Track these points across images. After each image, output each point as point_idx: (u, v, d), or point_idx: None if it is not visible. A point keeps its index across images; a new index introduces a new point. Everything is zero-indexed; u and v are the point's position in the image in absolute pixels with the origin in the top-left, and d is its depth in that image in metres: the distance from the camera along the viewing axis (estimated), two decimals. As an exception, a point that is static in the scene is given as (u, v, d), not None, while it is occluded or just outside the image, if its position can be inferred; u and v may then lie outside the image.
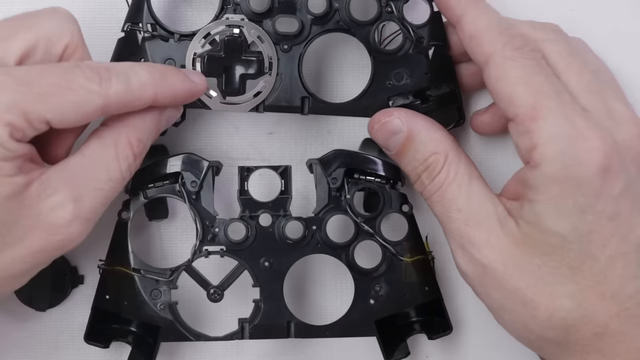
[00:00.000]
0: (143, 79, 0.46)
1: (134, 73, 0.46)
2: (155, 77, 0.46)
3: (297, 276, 0.57)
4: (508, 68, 0.46)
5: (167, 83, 0.47)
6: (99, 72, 0.44)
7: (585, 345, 0.46)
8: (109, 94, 0.44)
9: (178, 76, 0.48)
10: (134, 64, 0.47)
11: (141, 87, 0.46)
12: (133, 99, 0.45)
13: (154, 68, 0.47)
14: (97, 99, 0.44)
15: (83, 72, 0.44)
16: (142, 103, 0.46)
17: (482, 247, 0.47)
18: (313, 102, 0.52)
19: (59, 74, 0.43)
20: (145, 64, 0.47)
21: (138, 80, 0.45)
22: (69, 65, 0.44)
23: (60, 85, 0.43)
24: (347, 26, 0.51)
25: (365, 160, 0.53)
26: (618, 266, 0.45)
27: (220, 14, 0.51)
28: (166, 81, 0.47)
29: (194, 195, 0.52)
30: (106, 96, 0.44)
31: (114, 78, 0.45)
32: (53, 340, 0.56)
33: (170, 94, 0.47)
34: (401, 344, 0.53)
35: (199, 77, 0.49)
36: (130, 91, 0.45)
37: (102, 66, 0.45)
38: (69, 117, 0.44)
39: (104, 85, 0.44)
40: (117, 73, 0.45)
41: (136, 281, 0.52)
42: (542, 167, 0.45)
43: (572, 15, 0.56)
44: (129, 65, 0.46)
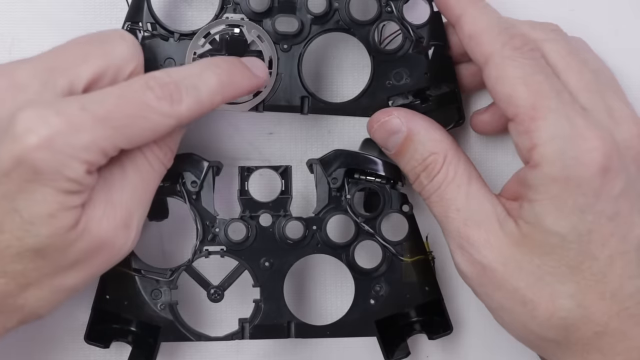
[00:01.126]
0: (212, 87, 0.46)
1: (204, 83, 0.45)
2: (223, 81, 0.46)
3: (298, 276, 0.57)
4: (507, 68, 0.46)
5: (234, 85, 0.47)
6: (170, 92, 0.44)
7: (586, 344, 0.46)
8: (181, 114, 0.44)
9: (244, 74, 0.48)
10: (202, 69, 0.46)
11: (211, 97, 0.46)
12: (203, 110, 0.46)
13: (222, 71, 0.46)
14: (170, 121, 0.44)
15: (155, 94, 0.44)
16: (209, 111, 0.46)
17: (482, 247, 0.47)
18: (313, 101, 0.52)
19: (133, 102, 0.43)
20: (212, 66, 0.46)
21: (207, 90, 0.45)
22: (140, 87, 0.44)
23: (134, 115, 0.43)
24: (347, 26, 0.51)
25: (366, 160, 0.53)
26: (618, 266, 0.45)
27: (220, 13, 0.51)
28: (233, 83, 0.47)
29: (194, 195, 0.52)
30: (178, 116, 0.44)
31: (184, 95, 0.44)
32: (53, 341, 0.56)
33: (235, 95, 0.48)
34: (401, 344, 0.53)
35: (261, 70, 0.49)
36: (201, 104, 0.45)
37: (172, 82, 0.44)
38: (142, 141, 0.44)
39: (176, 107, 0.44)
40: (186, 88, 0.45)
41: (136, 281, 0.52)
42: (542, 167, 0.44)
43: (571, 15, 0.56)
44: (197, 73, 0.46)
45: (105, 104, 0.42)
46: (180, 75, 0.45)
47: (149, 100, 0.43)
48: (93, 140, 0.42)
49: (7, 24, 0.55)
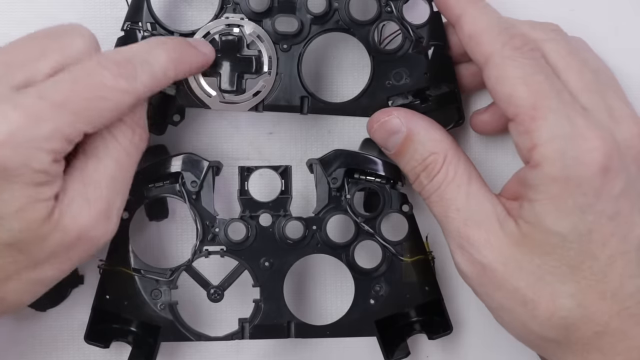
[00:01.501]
0: (163, 62, 0.46)
1: (154, 59, 0.46)
2: (173, 57, 0.46)
3: (298, 276, 0.57)
4: (508, 68, 0.46)
5: (183, 61, 0.47)
6: (125, 68, 0.44)
7: (586, 344, 0.46)
8: (137, 88, 0.44)
9: (192, 51, 0.48)
10: (151, 46, 0.46)
11: (163, 72, 0.46)
12: (158, 85, 0.46)
13: (171, 48, 0.47)
14: (129, 98, 0.44)
15: (110, 72, 0.43)
16: (163, 86, 0.46)
17: (482, 247, 0.47)
18: (312, 101, 0.52)
19: (90, 83, 0.43)
20: (162, 45, 0.47)
21: (159, 65, 0.46)
22: (94, 67, 0.44)
23: (93, 95, 0.43)
24: (346, 26, 0.51)
25: (366, 160, 0.53)
26: (618, 265, 0.45)
27: (219, 13, 0.51)
28: (183, 60, 0.47)
29: (194, 195, 0.52)
30: (136, 92, 0.44)
31: (139, 70, 0.44)
32: (53, 340, 0.56)
33: (187, 71, 0.48)
34: (401, 344, 0.53)
35: (206, 47, 0.50)
36: (155, 78, 0.45)
37: (125, 59, 0.44)
38: (104, 122, 0.44)
39: (132, 82, 0.44)
40: (140, 63, 0.45)
41: (136, 281, 0.52)
42: (542, 167, 0.44)
43: (571, 15, 0.56)
44: (147, 50, 0.46)
45: (61, 90, 0.42)
46: (131, 52, 0.45)
47: (105, 80, 0.43)
48: (55, 128, 0.41)
49: (7, 24, 0.54)
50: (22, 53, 0.44)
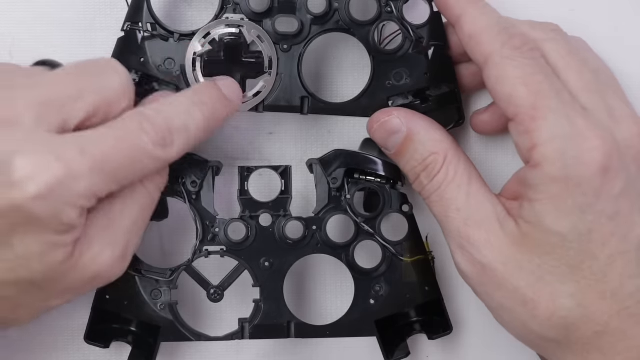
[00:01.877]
0: (200, 125, 0.46)
1: (192, 122, 0.46)
2: (208, 118, 0.46)
3: (297, 276, 0.57)
4: (507, 68, 0.46)
5: (216, 118, 0.47)
6: (163, 136, 0.44)
7: (586, 344, 0.46)
8: (171, 157, 0.45)
9: (224, 105, 0.48)
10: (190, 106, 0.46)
11: (197, 135, 0.46)
12: (190, 148, 0.46)
13: (207, 108, 0.47)
14: (160, 165, 0.45)
15: (150, 138, 0.44)
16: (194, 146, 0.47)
17: (482, 247, 0.47)
18: (313, 102, 0.52)
19: (130, 146, 0.43)
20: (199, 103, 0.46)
21: (195, 128, 0.46)
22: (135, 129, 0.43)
23: (130, 159, 0.43)
24: (346, 26, 0.51)
25: (366, 160, 0.53)
26: (618, 265, 0.45)
27: (220, 13, 0.51)
28: (215, 117, 0.47)
29: (194, 195, 0.52)
30: (168, 160, 0.45)
31: (176, 138, 0.45)
32: (53, 340, 0.56)
33: (215, 128, 0.48)
34: (401, 344, 0.53)
35: (237, 95, 0.49)
36: (189, 143, 0.46)
37: (164, 125, 0.44)
38: (129, 183, 0.45)
39: (169, 150, 0.44)
40: (178, 130, 0.45)
41: (136, 281, 0.52)
42: (542, 167, 0.44)
43: (571, 15, 0.56)
44: (186, 111, 0.46)
45: (104, 147, 0.42)
46: (170, 114, 0.45)
47: (144, 145, 0.43)
48: (90, 186, 0.42)
49: (7, 24, 0.54)
50: (59, 92, 0.43)
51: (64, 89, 0.43)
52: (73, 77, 0.44)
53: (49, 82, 0.43)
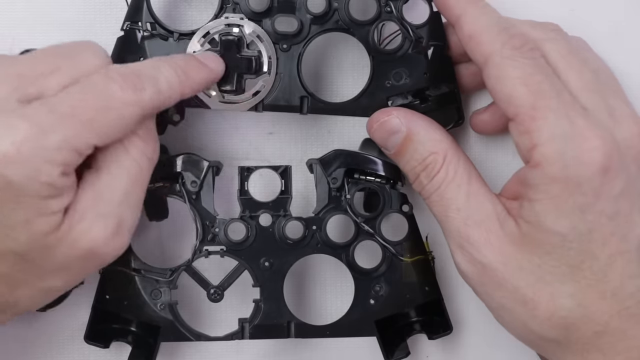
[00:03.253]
0: (170, 79, 0.46)
1: (162, 75, 0.46)
2: (180, 75, 0.46)
3: (297, 276, 0.57)
4: (507, 68, 0.46)
5: (191, 79, 0.47)
6: (132, 81, 0.44)
7: (586, 344, 0.46)
8: (144, 101, 0.44)
9: (199, 69, 0.48)
10: (159, 63, 0.46)
11: (170, 88, 0.46)
12: (164, 101, 0.46)
13: (177, 66, 0.47)
14: (136, 110, 0.44)
15: (118, 84, 0.43)
16: (170, 103, 0.46)
17: (482, 246, 0.47)
18: (312, 101, 0.52)
19: (98, 95, 0.43)
20: (168, 61, 0.47)
21: (166, 82, 0.46)
22: (101, 79, 0.44)
23: (100, 106, 0.43)
24: (346, 26, 0.51)
25: (365, 160, 0.53)
26: (618, 265, 0.45)
27: (219, 13, 0.51)
28: (189, 74, 0.47)
29: (194, 195, 0.52)
30: (143, 104, 0.44)
31: (146, 83, 0.45)
32: (53, 340, 0.56)
33: (193, 89, 0.48)
34: (401, 344, 0.53)
35: (215, 62, 0.49)
36: (162, 94, 0.45)
37: (132, 72, 0.44)
38: (113, 135, 0.44)
39: (139, 94, 0.44)
40: (147, 77, 0.45)
41: (136, 281, 0.52)
42: (542, 167, 0.44)
43: (571, 15, 0.56)
44: (154, 66, 0.46)
45: (69, 101, 0.42)
46: (138, 66, 0.46)
47: (112, 91, 0.43)
48: (63, 139, 0.41)
49: (7, 24, 0.55)
50: (35, 67, 0.43)
51: (38, 64, 0.44)
52: (49, 55, 0.45)
53: (25, 59, 0.44)
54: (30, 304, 0.46)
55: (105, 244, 0.45)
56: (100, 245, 0.44)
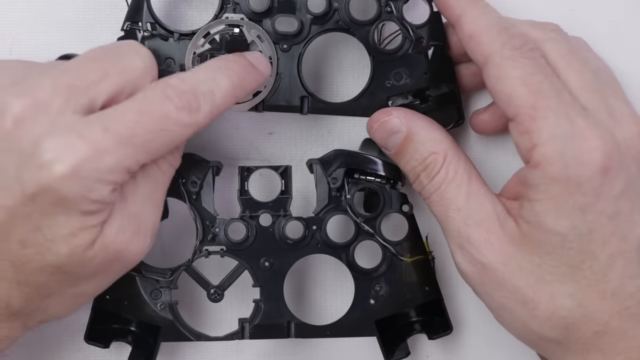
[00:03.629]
0: (226, 90, 0.46)
1: (218, 87, 0.45)
2: (235, 84, 0.46)
3: (297, 276, 0.57)
4: (507, 68, 0.46)
5: (244, 85, 0.47)
6: (188, 101, 0.44)
7: (586, 344, 0.46)
8: (199, 121, 0.44)
9: (252, 73, 0.48)
10: (216, 75, 0.46)
11: (225, 101, 0.46)
12: (219, 114, 0.46)
13: (234, 74, 0.46)
14: (190, 130, 0.44)
15: (174, 105, 0.43)
16: (223, 113, 0.46)
17: (482, 246, 0.47)
18: (312, 101, 0.52)
19: (154, 116, 0.43)
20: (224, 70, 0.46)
21: (222, 95, 0.46)
22: (158, 97, 0.44)
23: (156, 129, 0.43)
24: (346, 26, 0.51)
25: (366, 160, 0.53)
26: (618, 265, 0.45)
27: (219, 13, 0.51)
28: (243, 84, 0.47)
29: (194, 195, 0.52)
30: (197, 125, 0.45)
31: (202, 102, 0.44)
32: (53, 340, 0.56)
33: (245, 94, 0.48)
34: (401, 344, 0.53)
35: (265, 66, 0.49)
36: (217, 109, 0.45)
37: (189, 90, 0.44)
38: (161, 153, 0.45)
39: (195, 115, 0.44)
40: (203, 94, 0.45)
41: (136, 281, 0.52)
42: (542, 167, 0.44)
43: (571, 15, 0.56)
44: (212, 78, 0.46)
45: (126, 122, 0.42)
46: (195, 81, 0.45)
47: (168, 112, 0.43)
48: (118, 161, 0.42)
49: (7, 24, 0.54)
50: (84, 75, 0.43)
51: (87, 72, 0.44)
52: (95, 60, 0.45)
53: (73, 67, 0.44)
54: (58, 311, 0.47)
55: (130, 246, 0.45)
56: (125, 247, 0.45)
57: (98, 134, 0.41)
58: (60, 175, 0.41)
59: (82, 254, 0.43)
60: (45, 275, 0.44)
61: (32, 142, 0.41)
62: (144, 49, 0.46)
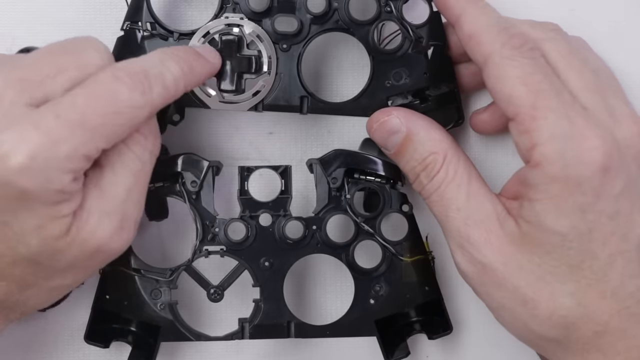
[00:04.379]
0: (176, 75, 0.46)
1: (167, 71, 0.45)
2: (184, 69, 0.46)
3: (297, 276, 0.57)
4: (507, 67, 0.46)
5: (194, 72, 0.47)
6: (140, 81, 0.44)
7: (586, 343, 0.46)
8: (152, 102, 0.44)
9: (201, 62, 0.48)
10: (163, 58, 0.46)
11: (176, 85, 0.46)
12: (170, 98, 0.46)
13: (182, 60, 0.46)
14: (144, 111, 0.44)
15: (126, 86, 0.43)
16: (175, 97, 0.46)
17: (482, 246, 0.47)
18: (312, 101, 0.52)
19: (105, 98, 0.43)
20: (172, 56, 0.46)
21: (172, 78, 0.45)
22: (108, 79, 0.43)
23: (109, 111, 0.42)
24: (346, 26, 0.51)
25: (365, 160, 0.53)
26: (618, 264, 0.45)
27: (219, 13, 0.51)
28: (193, 70, 0.47)
29: (194, 195, 0.52)
30: (151, 105, 0.44)
31: (152, 82, 0.44)
32: (53, 340, 0.56)
33: (196, 82, 0.48)
34: (401, 343, 0.53)
35: (214, 56, 0.49)
36: (168, 91, 0.45)
37: (139, 71, 0.44)
38: (121, 137, 0.44)
39: (147, 95, 0.44)
40: (154, 76, 0.44)
41: (136, 281, 0.52)
42: (542, 167, 0.44)
43: (571, 15, 0.56)
44: (160, 61, 0.45)
45: (78, 107, 0.42)
46: (144, 63, 0.45)
47: (120, 94, 0.43)
48: (74, 147, 0.41)
49: (7, 24, 0.55)
50: (39, 69, 0.43)
51: (42, 66, 0.43)
52: (52, 55, 0.44)
53: (28, 62, 0.44)
54: (39, 303, 0.47)
55: (112, 241, 0.45)
56: (106, 242, 0.45)
57: (50, 122, 0.41)
58: (17, 167, 0.40)
59: (53, 245, 0.43)
60: (20, 268, 0.44)
61: None
62: (102, 45, 0.46)
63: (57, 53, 0.44)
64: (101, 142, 0.43)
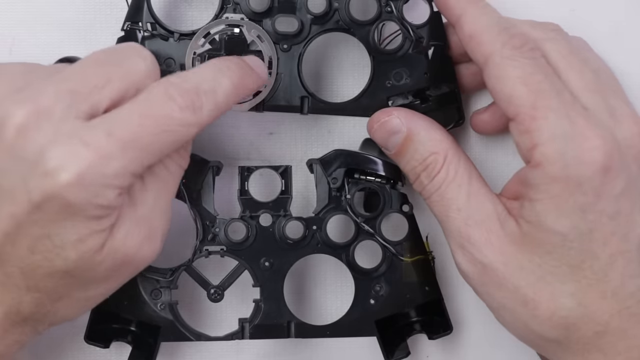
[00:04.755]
0: (227, 90, 0.45)
1: (219, 86, 0.45)
2: (235, 84, 0.46)
3: (298, 276, 0.57)
4: (507, 67, 0.46)
5: (244, 86, 0.47)
6: (191, 100, 0.43)
7: (586, 344, 0.46)
8: (203, 120, 0.44)
9: (251, 75, 0.48)
10: (216, 73, 0.46)
11: (227, 101, 0.46)
12: (220, 114, 0.45)
13: (234, 74, 0.46)
14: (194, 130, 0.44)
15: (177, 104, 0.43)
16: (224, 113, 0.46)
17: (482, 246, 0.47)
18: (312, 101, 0.52)
19: (157, 118, 0.43)
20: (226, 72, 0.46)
21: (223, 94, 0.45)
22: (160, 98, 0.43)
23: (159, 130, 0.43)
24: (346, 26, 0.51)
25: (366, 160, 0.53)
26: (619, 264, 0.45)
27: (220, 13, 0.51)
28: (243, 85, 0.47)
29: (194, 195, 0.52)
30: (201, 124, 0.44)
31: (204, 100, 0.44)
32: (53, 340, 0.56)
33: (244, 95, 0.48)
34: (401, 344, 0.53)
35: (262, 70, 0.49)
36: (219, 107, 0.45)
37: (192, 89, 0.44)
38: (167, 154, 0.44)
39: (198, 114, 0.44)
40: (205, 93, 0.44)
41: (136, 281, 0.52)
42: (543, 167, 0.44)
43: (571, 15, 0.56)
44: (212, 77, 0.45)
45: (130, 125, 0.42)
46: (197, 79, 0.45)
47: (172, 112, 0.43)
48: (123, 166, 0.42)
49: (7, 24, 0.54)
50: (87, 80, 0.43)
51: (90, 77, 0.43)
52: (98, 65, 0.44)
53: (75, 73, 0.44)
54: (68, 314, 0.47)
55: (141, 250, 0.45)
56: (135, 252, 0.45)
57: (102, 140, 0.41)
58: (65, 183, 0.40)
59: (90, 258, 0.43)
60: (54, 280, 0.44)
61: (36, 150, 0.41)
62: (147, 52, 0.46)
63: (103, 63, 0.44)
64: (148, 159, 0.43)
